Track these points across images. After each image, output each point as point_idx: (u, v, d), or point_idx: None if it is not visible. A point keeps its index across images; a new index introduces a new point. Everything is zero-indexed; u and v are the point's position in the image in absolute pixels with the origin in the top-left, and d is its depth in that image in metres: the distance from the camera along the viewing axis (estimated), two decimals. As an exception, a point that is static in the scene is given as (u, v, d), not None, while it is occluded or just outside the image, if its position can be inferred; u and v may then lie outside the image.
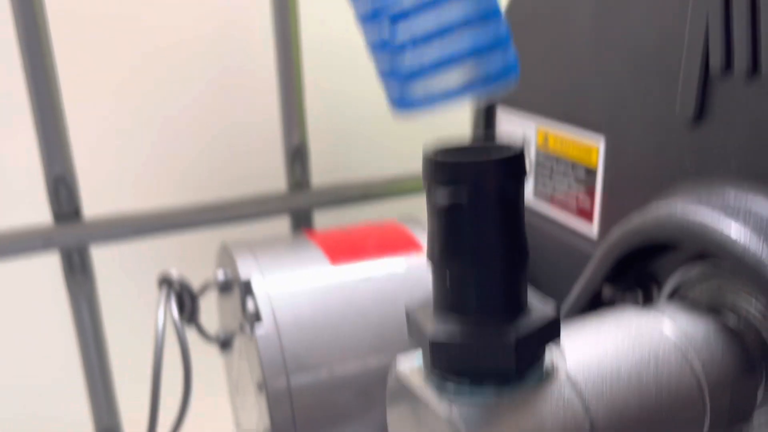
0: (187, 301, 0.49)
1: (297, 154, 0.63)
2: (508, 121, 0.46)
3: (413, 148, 0.26)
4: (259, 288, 0.42)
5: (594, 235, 0.39)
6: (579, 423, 0.23)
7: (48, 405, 0.66)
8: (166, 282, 0.48)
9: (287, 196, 0.64)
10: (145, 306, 0.60)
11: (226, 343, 0.51)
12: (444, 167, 0.21)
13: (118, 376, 0.62)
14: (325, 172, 0.67)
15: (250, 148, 0.68)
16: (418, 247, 0.47)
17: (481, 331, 0.22)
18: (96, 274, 0.58)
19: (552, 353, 0.25)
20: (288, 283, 0.43)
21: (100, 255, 0.59)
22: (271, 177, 0.65)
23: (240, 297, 0.43)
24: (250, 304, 0.42)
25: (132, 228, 0.57)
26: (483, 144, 0.22)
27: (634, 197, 0.35)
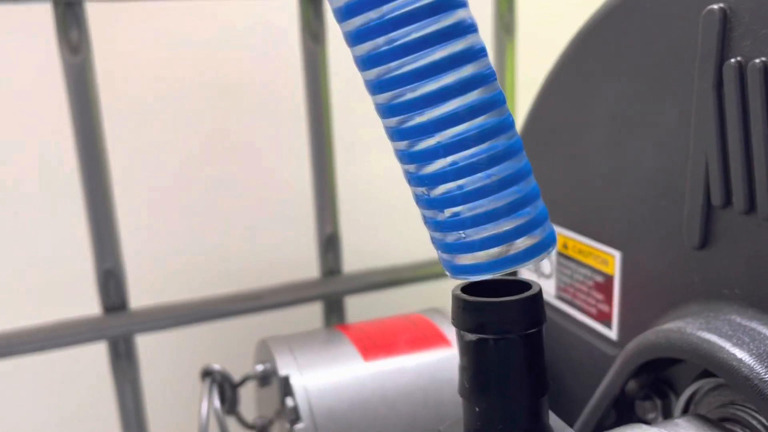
0: (227, 391, 0.52)
1: (329, 242, 0.67)
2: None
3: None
4: (297, 384, 0.45)
5: (614, 337, 0.41)
6: None
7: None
8: (208, 374, 0.51)
9: (320, 282, 0.67)
10: (187, 392, 0.63)
11: (263, 430, 0.54)
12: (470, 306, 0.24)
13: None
14: (354, 258, 0.70)
15: (284, 238, 0.71)
16: (446, 340, 0.50)
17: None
18: (140, 361, 0.61)
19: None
20: (325, 380, 0.45)
21: (144, 343, 0.63)
22: (303, 266, 0.68)
23: (279, 392, 0.46)
24: (289, 401, 0.44)
25: (174, 318, 0.61)
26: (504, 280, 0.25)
27: (649, 307, 0.37)
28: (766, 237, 0.29)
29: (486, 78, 0.21)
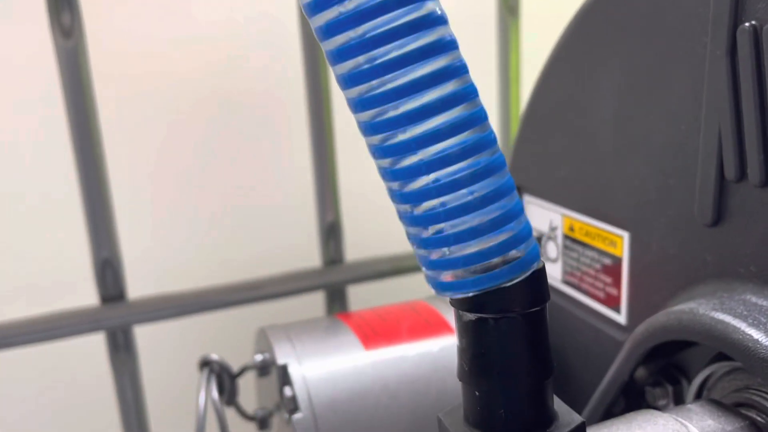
0: (226, 382, 0.51)
1: (331, 231, 0.65)
2: (533, 207, 0.47)
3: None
4: (296, 373, 0.44)
5: (623, 321, 0.40)
6: None
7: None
8: (206, 365, 0.50)
9: (322, 271, 0.66)
10: (187, 383, 0.62)
11: (264, 422, 0.52)
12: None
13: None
14: (356, 247, 0.69)
15: (284, 227, 0.70)
16: (449, 327, 0.48)
17: (510, 441, 0.23)
18: (139, 352, 0.60)
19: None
20: (324, 369, 0.44)
21: (142, 333, 0.62)
22: (305, 255, 0.67)
23: (277, 382, 0.45)
24: (287, 390, 0.43)
25: (173, 308, 0.60)
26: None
27: (659, 289, 0.36)
28: (784, 212, 0.28)
29: (468, 94, 0.21)
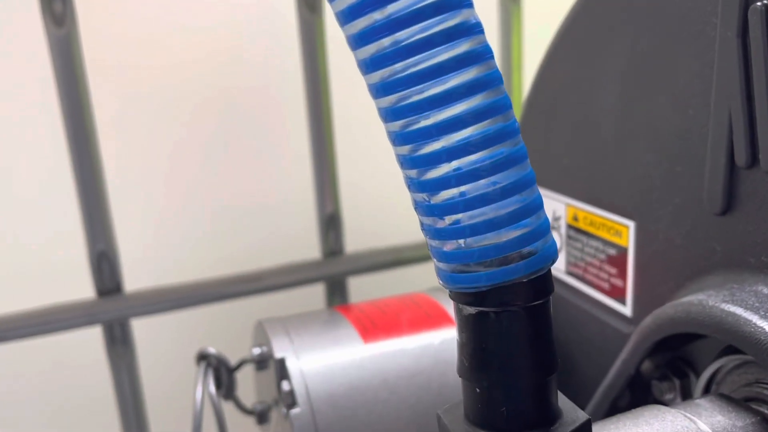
0: (224, 376, 0.50)
1: (331, 222, 0.64)
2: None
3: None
4: (293, 367, 0.43)
5: (628, 313, 0.39)
6: None
7: (89, 474, 0.67)
8: (204, 358, 0.49)
9: (322, 263, 0.65)
10: (184, 375, 0.61)
11: (263, 416, 0.52)
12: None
13: (158, 444, 0.62)
14: (356, 238, 0.68)
15: (284, 218, 0.69)
16: (450, 320, 0.47)
17: (512, 439, 0.23)
18: (136, 345, 0.60)
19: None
20: (322, 363, 0.43)
21: (140, 326, 0.61)
22: (304, 246, 0.66)
23: (275, 376, 0.44)
24: (285, 385, 0.42)
25: (171, 301, 0.59)
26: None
27: (666, 280, 0.35)
28: (797, 199, 0.27)
29: (493, 81, 0.20)
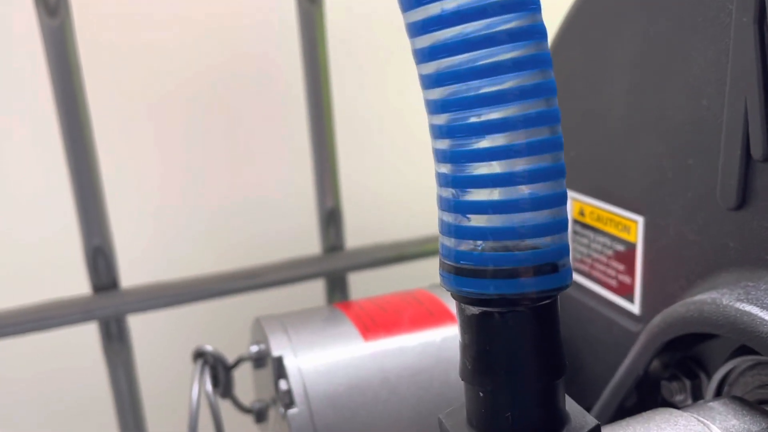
0: (221, 374, 0.49)
1: (331, 217, 0.63)
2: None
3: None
4: (291, 366, 0.42)
5: (636, 311, 0.38)
6: None
7: (86, 471, 0.66)
8: (200, 356, 0.48)
9: (322, 259, 0.63)
10: (183, 372, 0.60)
11: (261, 414, 0.51)
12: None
13: (155, 442, 0.61)
14: (357, 234, 0.66)
15: (283, 213, 0.68)
16: (452, 317, 0.46)
17: (517, 447, 0.21)
18: (133, 342, 0.59)
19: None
20: (321, 361, 0.42)
21: (137, 323, 0.60)
22: (304, 242, 0.65)
23: (272, 375, 0.43)
24: (282, 384, 0.41)
25: (168, 297, 0.58)
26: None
27: (676, 277, 0.34)
28: (816, 193, 0.25)
29: (547, 90, 0.20)
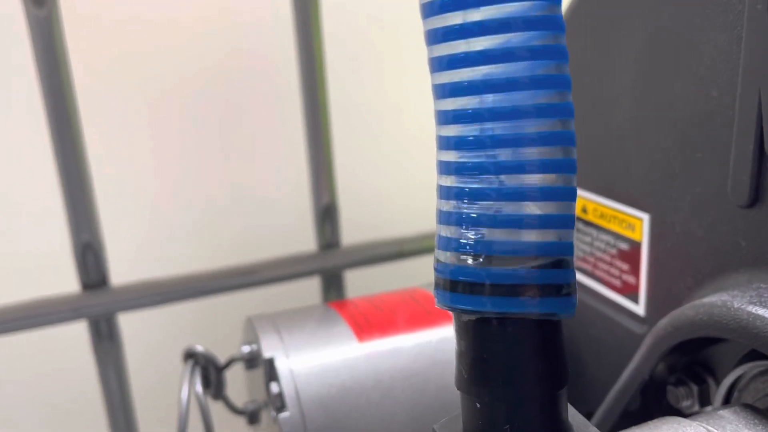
0: (212, 375, 0.48)
1: (327, 213, 0.62)
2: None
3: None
4: (283, 368, 0.40)
5: (641, 312, 0.36)
6: None
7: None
8: (190, 356, 0.47)
9: (317, 256, 0.62)
10: (175, 372, 0.59)
11: (254, 416, 0.49)
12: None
13: (146, 444, 0.60)
14: (354, 230, 0.65)
15: (278, 209, 0.67)
16: (449, 316, 0.45)
17: (517, 460, 0.20)
18: (124, 341, 0.57)
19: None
20: (313, 363, 0.41)
21: (128, 322, 0.58)
22: (299, 238, 0.64)
23: (264, 376, 0.41)
24: (273, 387, 0.40)
25: (160, 295, 0.56)
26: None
27: (683, 277, 0.32)
28: (834, 190, 0.24)
29: (563, 111, 0.19)
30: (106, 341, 0.56)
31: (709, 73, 0.29)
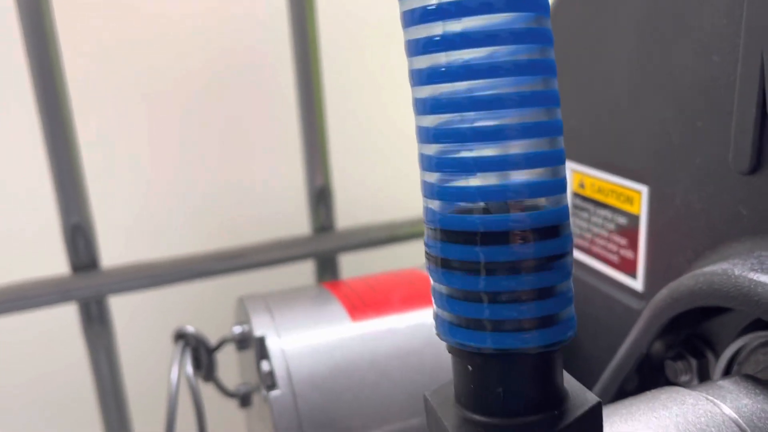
0: (203, 356, 0.47)
1: (321, 196, 0.61)
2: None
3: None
4: (274, 347, 0.40)
5: (639, 288, 0.35)
6: None
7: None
8: (181, 337, 0.46)
9: (312, 239, 0.61)
10: (167, 356, 0.58)
11: (246, 399, 0.49)
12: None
13: (138, 427, 0.59)
14: (348, 213, 0.64)
15: (271, 192, 0.66)
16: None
17: (510, 425, 0.19)
18: (115, 324, 0.56)
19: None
20: (306, 342, 0.40)
21: (118, 305, 0.58)
22: (293, 221, 0.63)
23: (255, 356, 0.41)
24: (264, 365, 0.39)
25: (153, 277, 0.55)
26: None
27: (683, 249, 0.31)
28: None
29: (550, 129, 0.18)
30: (97, 324, 0.56)
31: (710, 38, 0.28)
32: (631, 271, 0.35)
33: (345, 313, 0.42)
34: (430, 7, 0.17)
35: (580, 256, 0.40)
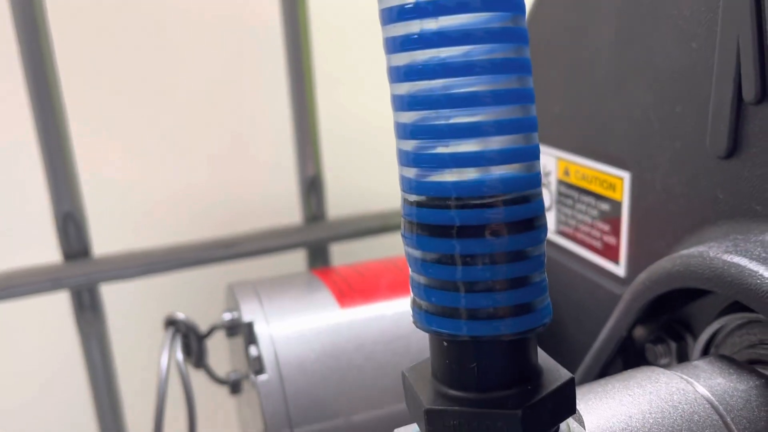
0: (194, 343, 0.47)
1: (312, 185, 0.61)
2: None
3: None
4: (262, 332, 0.40)
5: (621, 273, 0.36)
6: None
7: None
8: (171, 324, 0.47)
9: (303, 229, 0.62)
10: (158, 344, 0.58)
11: (237, 385, 0.49)
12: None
13: (130, 414, 0.60)
14: (340, 203, 0.65)
15: (263, 181, 0.66)
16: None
17: (483, 399, 0.20)
18: (107, 312, 0.57)
19: (569, 424, 0.22)
20: (294, 328, 0.40)
21: (111, 293, 0.58)
22: (284, 210, 0.63)
23: (243, 342, 0.41)
24: (252, 350, 0.40)
25: (144, 265, 0.56)
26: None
27: (663, 234, 0.32)
28: (811, 137, 0.24)
29: (528, 126, 0.18)
30: (89, 312, 0.56)
31: (689, 25, 0.28)
32: (613, 257, 0.36)
33: (333, 299, 0.43)
34: (407, 6, 0.17)
35: (565, 242, 0.40)
